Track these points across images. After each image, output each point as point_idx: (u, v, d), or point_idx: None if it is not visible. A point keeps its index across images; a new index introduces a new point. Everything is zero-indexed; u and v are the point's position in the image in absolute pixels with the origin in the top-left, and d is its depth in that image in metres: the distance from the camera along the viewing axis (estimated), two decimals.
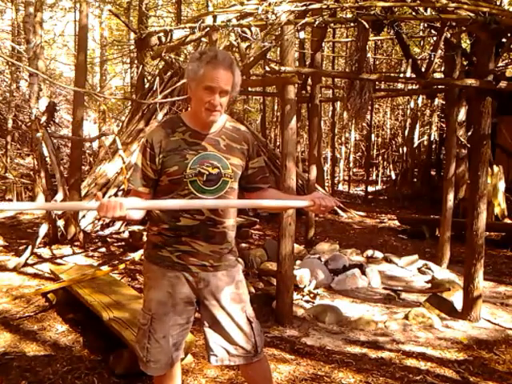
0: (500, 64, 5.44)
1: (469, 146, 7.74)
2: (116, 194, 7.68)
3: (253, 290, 4.34)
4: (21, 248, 5.66)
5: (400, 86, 11.00)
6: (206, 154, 1.84)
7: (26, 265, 5.07)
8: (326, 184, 13.73)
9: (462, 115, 7.99)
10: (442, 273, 5.20)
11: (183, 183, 1.81)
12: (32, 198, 9.06)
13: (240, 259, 2.13)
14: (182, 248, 1.85)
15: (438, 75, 9.40)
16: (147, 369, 1.92)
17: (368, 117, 13.63)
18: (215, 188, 1.84)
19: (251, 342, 1.94)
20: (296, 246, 4.88)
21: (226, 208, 1.89)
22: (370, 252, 5.98)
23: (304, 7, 3.68)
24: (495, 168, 7.92)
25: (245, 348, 1.93)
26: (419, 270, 5.44)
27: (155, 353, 1.89)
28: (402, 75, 5.91)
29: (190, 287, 1.89)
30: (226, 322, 1.91)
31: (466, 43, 7.75)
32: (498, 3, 7.55)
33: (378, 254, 5.94)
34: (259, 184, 2.01)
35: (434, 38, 6.23)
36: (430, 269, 5.34)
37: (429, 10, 4.36)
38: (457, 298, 4.16)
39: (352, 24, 3.82)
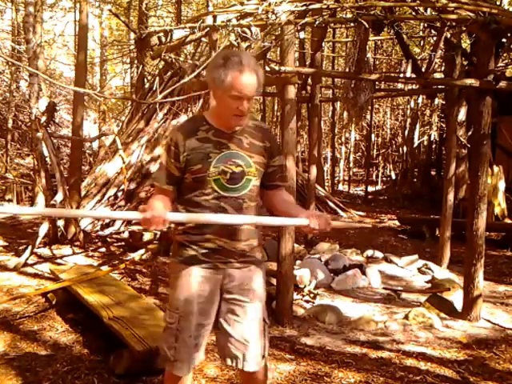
0: (500, 64, 5.44)
1: (469, 145, 7.72)
2: (116, 194, 7.68)
3: None
4: (21, 248, 5.66)
5: (400, 86, 11.00)
6: (230, 152, 1.85)
7: (25, 265, 5.07)
8: (326, 184, 13.73)
9: (462, 115, 7.99)
10: (441, 273, 5.20)
11: (206, 181, 1.83)
12: (32, 198, 9.05)
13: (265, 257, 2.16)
14: (207, 245, 1.86)
15: (438, 75, 9.39)
16: (174, 369, 1.91)
17: (368, 117, 13.64)
18: (238, 186, 1.85)
19: (261, 342, 1.95)
20: (296, 245, 4.88)
21: (251, 207, 1.89)
22: (369, 252, 5.98)
23: (304, 7, 3.68)
24: (495, 168, 7.92)
25: (255, 349, 1.92)
26: (419, 270, 5.44)
27: (182, 352, 1.88)
28: (402, 75, 5.90)
29: (216, 284, 1.89)
30: (245, 320, 1.91)
31: (466, 43, 7.74)
32: (498, 3, 7.55)
33: (378, 254, 5.94)
34: (277, 182, 2.02)
35: (434, 38, 6.24)
36: (429, 269, 5.34)
37: (429, 9, 4.36)
38: (457, 298, 4.16)
39: (352, 24, 3.82)
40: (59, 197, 5.69)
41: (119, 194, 7.68)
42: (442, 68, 8.40)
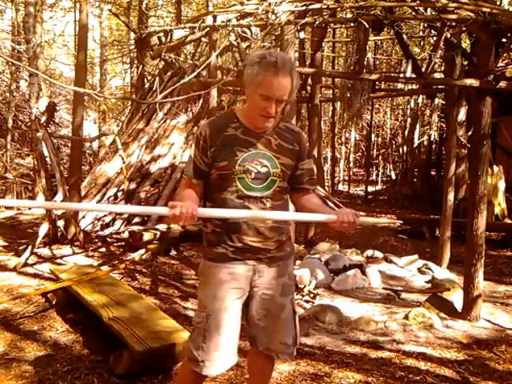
0: (500, 64, 5.44)
1: (469, 146, 7.73)
2: (116, 194, 7.68)
3: None
4: (21, 248, 5.66)
5: (400, 85, 11.00)
6: (257, 152, 1.85)
7: (26, 265, 5.07)
8: (326, 184, 13.73)
9: (462, 115, 7.99)
10: (441, 273, 5.20)
11: (231, 179, 1.83)
12: (32, 198, 9.06)
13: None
14: (235, 245, 1.87)
15: (438, 75, 9.40)
16: (202, 369, 1.86)
17: (368, 117, 13.64)
18: (263, 186, 1.85)
19: (292, 334, 1.99)
20: (296, 245, 4.88)
21: (274, 207, 1.88)
22: (369, 252, 5.98)
23: (304, 7, 3.68)
24: (495, 168, 7.92)
25: (286, 342, 1.97)
26: (419, 269, 5.44)
27: (210, 352, 1.86)
28: (402, 75, 5.90)
29: (245, 282, 1.89)
30: (277, 313, 1.94)
31: (465, 43, 7.75)
32: (498, 3, 7.55)
33: (378, 254, 5.94)
34: (306, 185, 2.02)
35: (434, 38, 6.24)
36: (429, 269, 5.34)
37: (429, 9, 4.36)
38: (457, 298, 4.16)
39: (352, 24, 3.82)
40: (59, 197, 5.69)
41: (119, 193, 7.68)
42: (442, 68, 8.41)
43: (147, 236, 6.11)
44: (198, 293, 2.01)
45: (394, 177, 16.34)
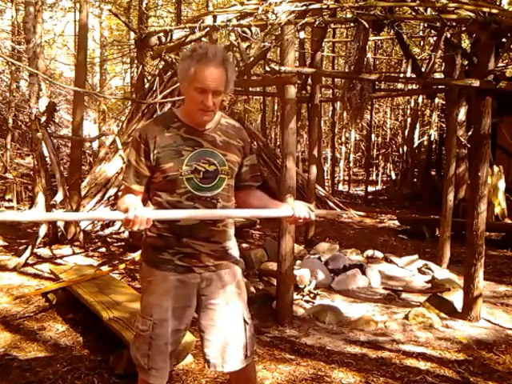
0: (500, 64, 5.43)
1: (469, 145, 7.74)
2: (116, 194, 7.68)
3: (253, 290, 4.33)
4: (21, 248, 5.66)
5: (400, 85, 11.00)
6: (203, 150, 1.79)
7: (26, 265, 5.07)
8: (326, 184, 13.73)
9: (462, 115, 7.99)
10: (441, 273, 5.20)
11: (179, 181, 1.75)
12: (32, 198, 9.05)
13: (240, 258, 2.08)
14: (184, 250, 1.80)
15: (438, 75, 9.40)
16: (149, 377, 1.84)
17: (368, 117, 13.65)
18: (212, 185, 1.79)
19: (242, 342, 1.88)
20: (296, 245, 4.88)
21: (225, 207, 1.83)
22: (369, 252, 5.98)
23: (304, 7, 3.68)
24: (495, 168, 7.92)
25: (234, 350, 1.87)
26: (419, 269, 5.44)
27: (157, 360, 1.82)
28: (402, 75, 5.90)
29: (192, 289, 1.84)
30: (224, 323, 1.86)
31: (465, 43, 7.75)
32: (498, 3, 7.55)
33: (378, 254, 5.94)
34: (250, 182, 1.96)
35: (434, 38, 6.23)
36: (429, 269, 5.34)
37: (429, 9, 4.36)
38: (457, 298, 4.16)
39: (352, 24, 3.82)
40: (59, 197, 5.69)
41: (119, 194, 7.67)
42: (442, 68, 8.41)
43: None
44: (141, 296, 1.93)
45: (394, 177, 16.35)
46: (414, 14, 4.36)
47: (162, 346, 1.82)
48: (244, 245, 6.53)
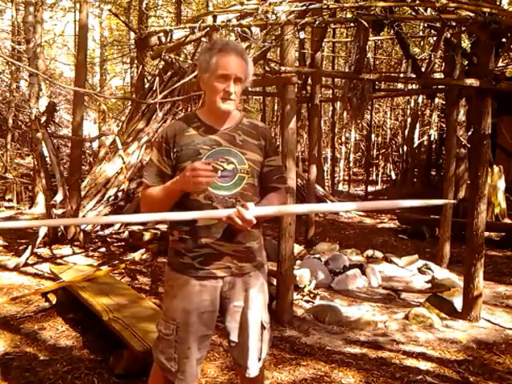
0: (500, 64, 5.44)
1: (469, 146, 7.74)
2: (116, 194, 7.69)
3: None
4: (21, 248, 5.66)
5: (400, 85, 11.00)
6: (221, 149, 1.78)
7: (26, 265, 5.07)
8: (326, 184, 13.73)
9: (461, 115, 8.00)
10: (441, 273, 5.20)
11: None
12: (32, 198, 9.06)
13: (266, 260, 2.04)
14: (203, 251, 1.77)
15: (438, 75, 9.41)
16: (177, 380, 1.82)
17: (368, 117, 13.65)
18: (230, 184, 1.76)
19: (258, 346, 1.88)
20: (296, 245, 4.88)
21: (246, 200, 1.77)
22: (369, 252, 5.97)
23: (304, 7, 3.68)
24: (495, 168, 7.92)
25: (253, 355, 1.87)
26: (419, 270, 5.44)
27: (182, 364, 1.81)
28: (402, 75, 5.90)
29: (215, 293, 1.82)
30: (244, 327, 1.86)
31: (465, 43, 7.75)
32: (498, 3, 7.55)
33: (378, 254, 5.93)
34: (275, 184, 1.91)
35: (434, 38, 6.23)
36: (430, 269, 5.34)
37: (429, 9, 4.36)
38: (457, 298, 4.16)
39: (352, 24, 3.82)
40: (59, 197, 5.69)
41: (119, 193, 7.68)
42: (442, 68, 8.41)
43: (147, 236, 6.11)
44: (164, 300, 1.92)
45: (394, 177, 16.35)
46: (413, 14, 4.36)
47: (186, 351, 1.81)
48: None
